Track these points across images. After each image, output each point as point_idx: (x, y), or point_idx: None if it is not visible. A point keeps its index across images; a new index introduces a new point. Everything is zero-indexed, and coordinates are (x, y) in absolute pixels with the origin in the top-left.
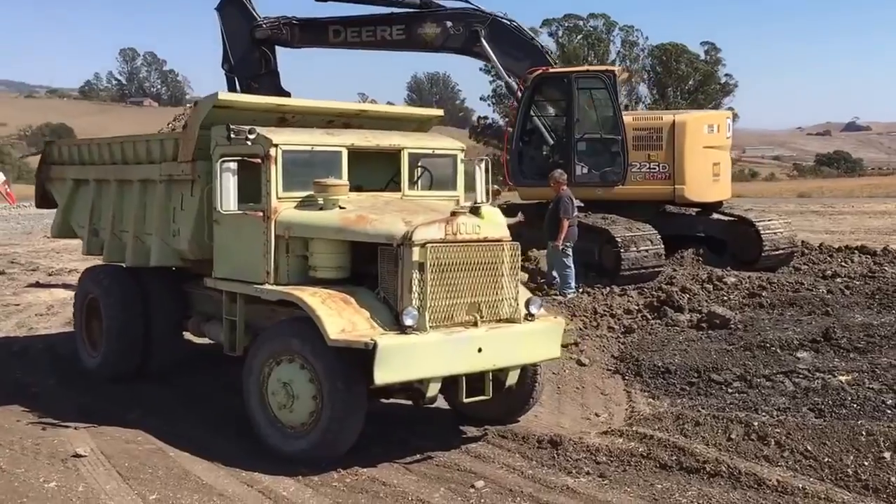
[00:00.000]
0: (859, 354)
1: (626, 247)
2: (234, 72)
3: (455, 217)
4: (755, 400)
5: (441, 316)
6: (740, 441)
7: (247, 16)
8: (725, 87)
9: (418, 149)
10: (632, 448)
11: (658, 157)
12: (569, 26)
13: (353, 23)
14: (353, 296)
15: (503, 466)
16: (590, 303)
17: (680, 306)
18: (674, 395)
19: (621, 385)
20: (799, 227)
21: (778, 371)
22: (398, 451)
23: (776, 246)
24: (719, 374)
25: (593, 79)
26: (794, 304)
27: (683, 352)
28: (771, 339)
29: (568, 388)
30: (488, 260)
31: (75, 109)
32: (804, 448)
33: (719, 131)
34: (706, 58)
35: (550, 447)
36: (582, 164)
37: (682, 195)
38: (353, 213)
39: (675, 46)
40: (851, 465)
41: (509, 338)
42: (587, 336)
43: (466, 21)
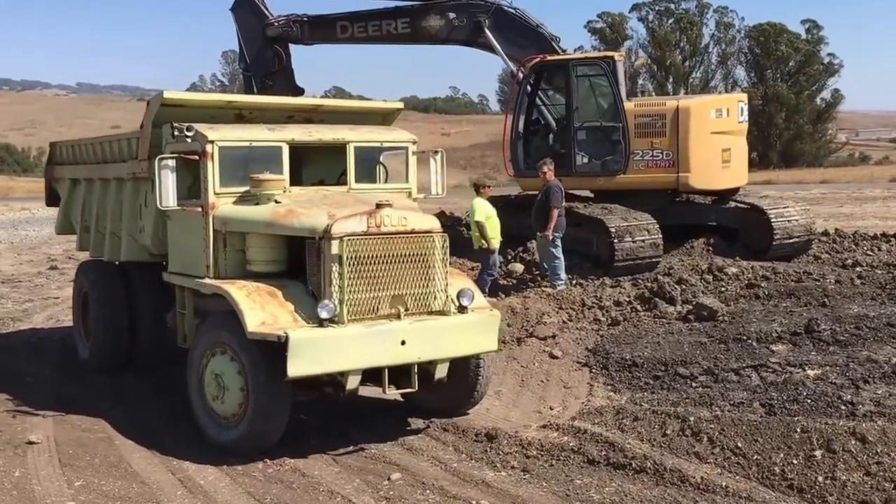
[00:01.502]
0: (840, 348)
1: (620, 237)
2: (250, 70)
3: (379, 209)
4: (714, 394)
5: (362, 308)
6: (675, 437)
7: (259, 15)
8: (829, 68)
9: (366, 142)
10: (564, 443)
11: (661, 144)
12: (659, 10)
13: (360, 18)
14: (282, 289)
15: (430, 459)
16: (579, 294)
17: (672, 298)
18: (636, 388)
19: (587, 378)
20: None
21: (748, 364)
22: (334, 443)
23: (789, 234)
24: (686, 368)
25: (592, 66)
26: (793, 296)
27: (657, 345)
28: (749, 332)
29: (532, 381)
30: (416, 252)
31: None
32: (735, 445)
33: (729, 115)
34: (807, 37)
35: (486, 441)
36: (582, 153)
37: (686, 183)
38: (284, 208)
39: (774, 26)
40: (780, 463)
41: (436, 330)
42: (566, 328)
43: (470, 11)
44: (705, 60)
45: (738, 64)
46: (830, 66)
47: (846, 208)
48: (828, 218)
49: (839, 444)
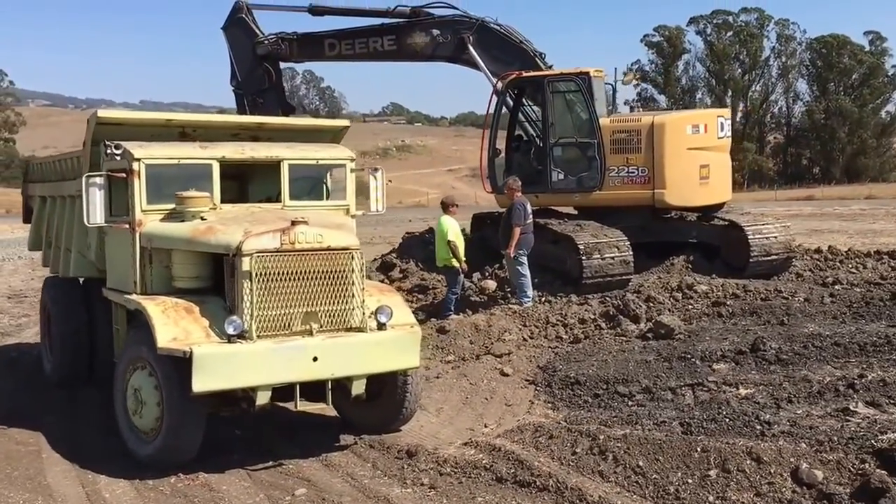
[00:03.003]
0: (780, 367)
1: (588, 254)
2: (242, 88)
3: (294, 227)
4: (644, 413)
5: (273, 325)
6: (583, 455)
7: (250, 34)
8: (895, 80)
9: (301, 159)
10: (478, 460)
11: (637, 160)
12: (717, 23)
13: (347, 35)
14: (200, 305)
15: (344, 476)
16: (545, 312)
17: (636, 315)
18: (575, 406)
19: (530, 396)
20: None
21: (686, 383)
22: (256, 458)
23: (767, 251)
24: (626, 386)
25: (568, 82)
26: (755, 314)
27: (604, 363)
28: (696, 351)
29: (476, 399)
30: (332, 269)
31: None
32: (637, 464)
33: (707, 131)
34: (871, 49)
35: (406, 457)
36: (558, 169)
37: (662, 200)
38: (205, 225)
39: (837, 38)
40: (676, 482)
41: (350, 347)
42: (525, 346)
43: (454, 28)
44: (765, 73)
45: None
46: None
47: (878, 225)
48: (853, 235)
49: (734, 464)
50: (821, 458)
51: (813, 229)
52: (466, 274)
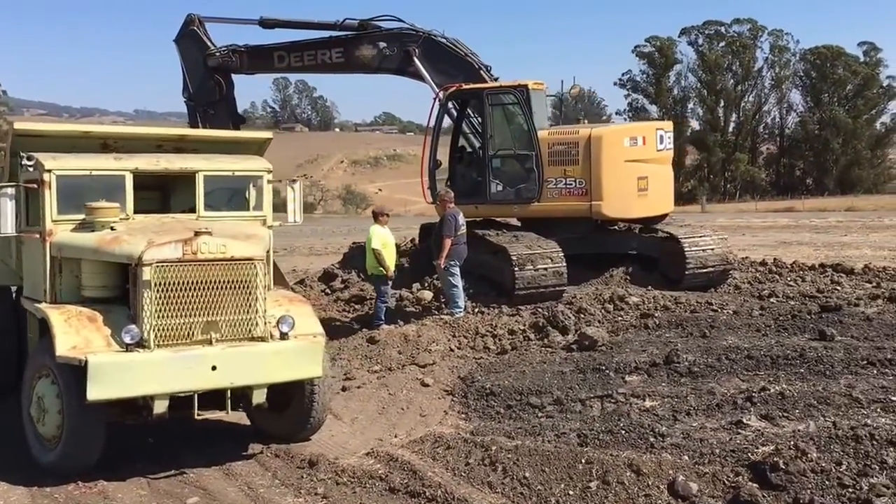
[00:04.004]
0: (690, 379)
1: (521, 265)
2: (193, 100)
3: (197, 237)
4: (549, 424)
5: (172, 334)
6: (475, 466)
7: (201, 45)
8: (889, 91)
9: (216, 171)
10: (374, 470)
11: (574, 172)
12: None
13: (296, 48)
14: (105, 314)
15: (241, 485)
16: (476, 322)
17: (565, 327)
18: (487, 417)
19: (446, 406)
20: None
21: (596, 395)
22: (159, 466)
23: (703, 263)
24: (539, 398)
25: (506, 94)
26: (680, 326)
27: (522, 374)
28: (613, 363)
29: (392, 409)
30: (235, 279)
31: None
32: (523, 475)
33: (646, 144)
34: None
35: (307, 467)
36: (497, 181)
37: (599, 211)
38: (111, 235)
39: (831, 49)
40: (558, 494)
41: (250, 356)
42: (450, 357)
43: (401, 41)
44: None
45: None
46: (890, 90)
47: (848, 238)
48: (819, 247)
49: (614, 476)
50: (698, 470)
51: (782, 241)
52: (395, 283)
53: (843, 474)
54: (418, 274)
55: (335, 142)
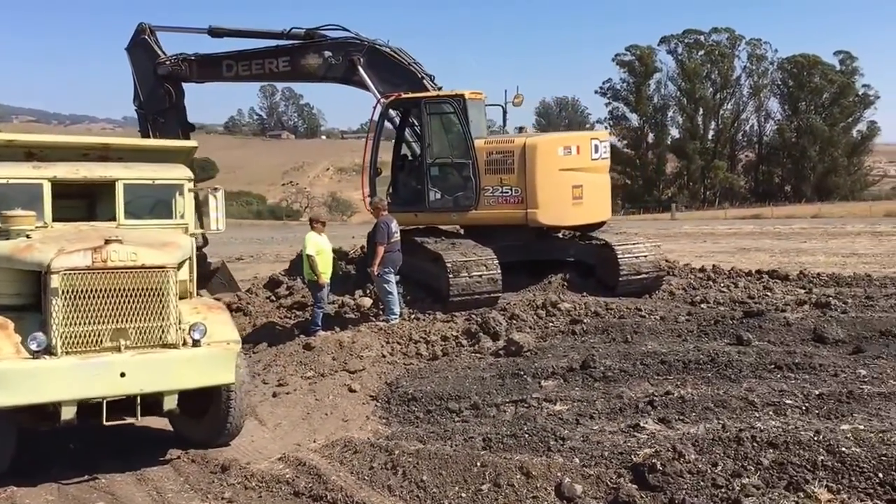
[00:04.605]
0: (604, 384)
1: (455, 272)
2: (143, 108)
3: (107, 245)
4: (461, 428)
5: (81, 341)
6: (378, 470)
7: (152, 54)
8: (865, 100)
9: (136, 179)
10: (283, 474)
11: (510, 180)
12: (688, 43)
13: (244, 57)
14: (17, 321)
15: (152, 490)
16: (410, 328)
17: (496, 333)
18: (406, 422)
19: (368, 412)
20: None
21: (511, 400)
22: (75, 472)
23: (637, 270)
24: (457, 403)
25: (443, 104)
26: (606, 332)
27: (445, 379)
28: (532, 368)
29: (317, 414)
30: (146, 286)
31: (220, 143)
32: (421, 479)
33: (580, 153)
34: (842, 68)
35: (220, 472)
36: (435, 189)
37: (534, 219)
38: (25, 243)
39: (807, 58)
40: (452, 496)
41: (159, 363)
42: (381, 363)
43: (346, 50)
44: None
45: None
46: (866, 98)
47: (808, 244)
48: (776, 253)
49: (505, 479)
50: (584, 472)
51: (742, 248)
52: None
53: (718, 475)
54: (364, 281)
55: (321, 149)
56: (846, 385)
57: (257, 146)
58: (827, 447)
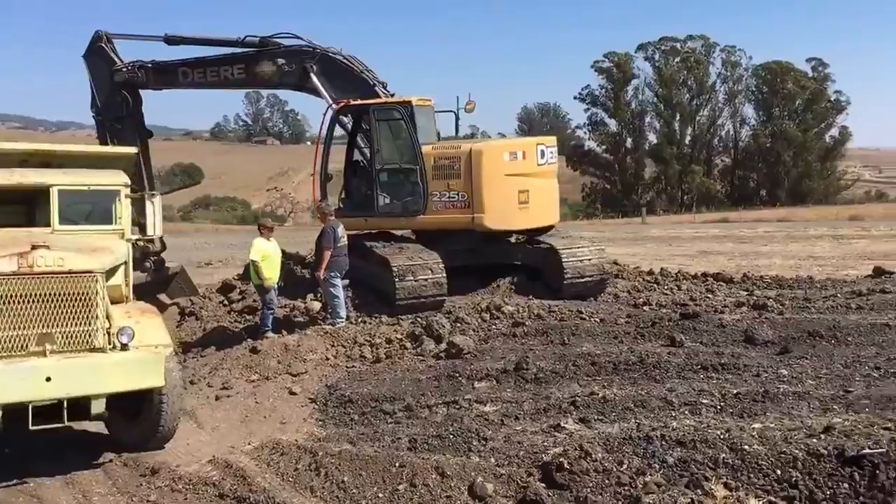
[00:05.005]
0: (535, 385)
1: (401, 276)
2: (101, 115)
3: (33, 250)
4: (390, 430)
5: (6, 346)
6: (303, 471)
7: (109, 61)
8: (836, 106)
9: (71, 185)
10: (210, 477)
11: (457, 186)
12: (665, 50)
13: (200, 64)
14: None
15: (77, 493)
16: (355, 332)
17: (439, 336)
18: (341, 424)
19: (306, 414)
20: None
21: (443, 401)
22: (2, 476)
23: (581, 273)
24: (392, 404)
25: (391, 110)
26: (546, 334)
27: (383, 381)
28: (466, 370)
29: (255, 417)
30: (73, 291)
31: (205, 149)
32: (342, 480)
33: (526, 158)
34: (814, 75)
35: (149, 474)
36: (384, 194)
37: (481, 224)
38: None
39: (780, 65)
40: (369, 496)
41: (85, 368)
42: (323, 365)
43: (299, 58)
44: (712, 99)
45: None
46: (837, 104)
47: (768, 248)
48: (734, 257)
49: (421, 479)
50: (497, 472)
51: (703, 251)
52: (292, 294)
53: (623, 473)
54: (317, 285)
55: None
56: (765, 385)
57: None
58: (731, 445)
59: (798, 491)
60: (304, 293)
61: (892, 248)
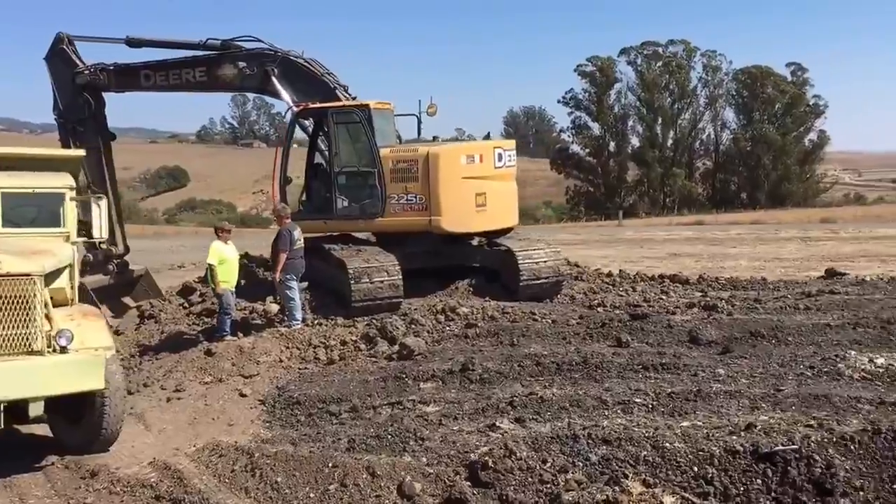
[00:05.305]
0: (479, 385)
1: (357, 278)
2: (63, 117)
3: None
4: (332, 430)
5: None
6: (239, 472)
7: (70, 63)
8: (815, 110)
9: (13, 188)
10: (148, 479)
11: (414, 188)
12: (647, 54)
13: (161, 67)
14: None
15: (14, 496)
16: (310, 334)
17: (393, 337)
18: (287, 425)
19: (254, 416)
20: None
21: (388, 402)
22: None
23: (537, 275)
24: (338, 405)
25: (349, 114)
26: (497, 335)
27: (332, 383)
28: (413, 371)
29: (203, 419)
30: (9, 294)
31: (192, 152)
32: (276, 480)
33: (483, 161)
34: (793, 79)
35: (89, 477)
36: (342, 196)
37: (438, 226)
38: None
39: (760, 69)
40: (301, 497)
41: (22, 370)
42: (276, 367)
43: (260, 61)
44: (693, 103)
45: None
46: (816, 108)
47: (735, 250)
48: (701, 259)
49: (352, 479)
50: (426, 471)
51: (673, 253)
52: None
53: (546, 471)
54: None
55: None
56: (699, 384)
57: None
58: (653, 443)
59: (713, 487)
60: (265, 295)
61: (856, 249)
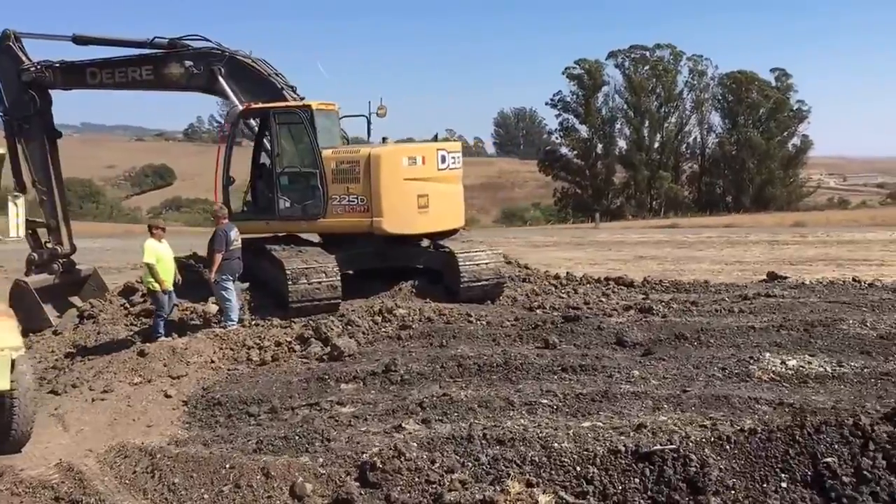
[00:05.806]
0: (399, 386)
1: (295, 279)
2: (8, 114)
3: None
4: (248, 431)
5: None
6: (140, 474)
7: (16, 60)
8: (798, 114)
9: None
10: (51, 480)
11: (356, 189)
12: (634, 57)
13: (108, 65)
14: None
15: None
16: (245, 334)
17: (327, 338)
18: (206, 426)
19: (175, 417)
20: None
21: (307, 403)
22: None
23: (477, 277)
24: (258, 406)
25: (291, 114)
26: (430, 336)
27: (255, 384)
28: (336, 372)
29: (123, 421)
30: None
31: (178, 150)
32: (174, 481)
33: (426, 163)
34: (777, 85)
35: None
36: (284, 197)
37: (380, 227)
38: None
39: (745, 74)
40: (195, 498)
41: None
42: (207, 368)
43: (207, 60)
44: (680, 106)
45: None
46: (800, 113)
47: (702, 253)
48: (665, 261)
49: (246, 480)
50: (319, 472)
51: (639, 256)
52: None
53: (433, 471)
54: None
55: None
56: (610, 385)
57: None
58: (543, 443)
59: (592, 486)
60: (208, 296)
61: (819, 253)
